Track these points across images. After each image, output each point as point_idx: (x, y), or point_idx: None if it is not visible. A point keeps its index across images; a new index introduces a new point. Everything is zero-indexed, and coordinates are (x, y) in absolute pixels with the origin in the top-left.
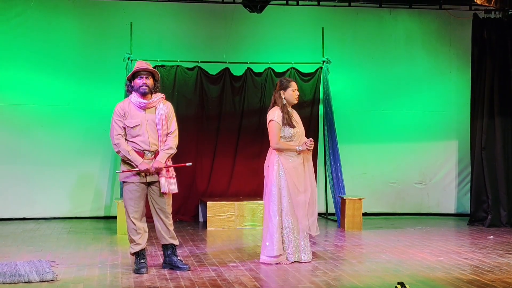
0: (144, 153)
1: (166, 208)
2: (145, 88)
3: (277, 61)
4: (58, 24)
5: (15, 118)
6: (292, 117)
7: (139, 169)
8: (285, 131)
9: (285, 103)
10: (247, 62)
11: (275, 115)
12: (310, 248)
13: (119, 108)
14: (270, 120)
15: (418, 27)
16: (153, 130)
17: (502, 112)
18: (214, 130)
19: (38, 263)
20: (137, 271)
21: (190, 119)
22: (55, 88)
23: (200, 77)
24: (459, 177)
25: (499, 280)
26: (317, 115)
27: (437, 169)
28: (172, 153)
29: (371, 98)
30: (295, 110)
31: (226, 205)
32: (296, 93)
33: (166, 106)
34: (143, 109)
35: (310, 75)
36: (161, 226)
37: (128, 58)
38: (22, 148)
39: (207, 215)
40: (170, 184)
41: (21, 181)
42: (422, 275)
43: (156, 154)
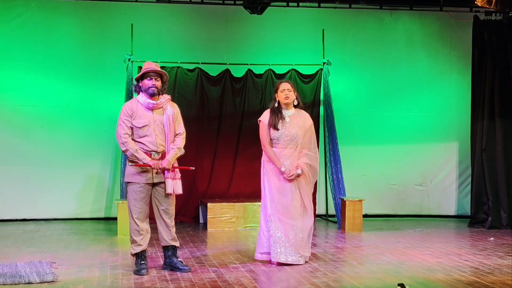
0: (151, 153)
1: (170, 209)
2: (154, 89)
3: (277, 63)
4: (59, 25)
5: (16, 119)
6: (282, 119)
7: (149, 164)
8: (270, 132)
9: (277, 105)
10: (247, 64)
11: (263, 115)
12: (300, 249)
13: (127, 107)
14: (258, 120)
15: (418, 29)
16: (161, 131)
17: (502, 113)
18: (215, 132)
19: (38, 264)
20: (138, 272)
21: (190, 120)
22: (56, 89)
23: (201, 78)
24: (459, 179)
25: (499, 282)
26: (318, 116)
27: (437, 171)
28: (180, 154)
29: (371, 99)
30: (304, 112)
31: (227, 207)
32: (285, 93)
33: (173, 108)
34: (151, 110)
35: (311, 77)
36: (163, 228)
37: (129, 59)
38: (22, 149)
39: (208, 217)
40: (175, 185)
41: (22, 182)
42: (422, 276)
43: (163, 155)
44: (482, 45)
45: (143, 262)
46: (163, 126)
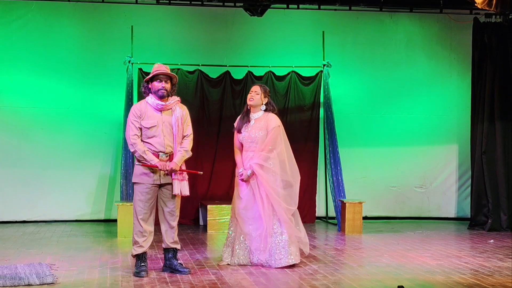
0: (159, 154)
1: (175, 211)
2: (163, 92)
3: (277, 65)
4: (59, 28)
5: (16, 121)
6: (247, 122)
7: (157, 165)
8: (238, 136)
9: (248, 109)
10: (247, 66)
11: (236, 121)
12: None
13: (136, 109)
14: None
15: (418, 31)
16: (169, 132)
17: (502, 116)
18: (215, 134)
19: (38, 266)
20: (137, 274)
21: (190, 122)
22: (56, 91)
23: (201, 80)
24: (459, 181)
25: (499, 284)
26: (318, 118)
27: (437, 173)
28: (188, 156)
29: (371, 102)
30: (271, 115)
31: (227, 209)
32: (250, 95)
33: (182, 110)
34: (160, 111)
35: (311, 79)
36: (167, 230)
37: (129, 61)
38: (23, 151)
39: (207, 219)
40: (182, 187)
41: (22, 184)
42: (422, 279)
43: (171, 156)
44: (482, 47)
45: (143, 264)
46: (171, 127)
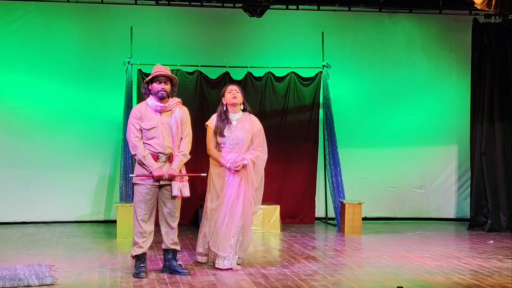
0: (158, 155)
1: (175, 212)
2: (163, 93)
3: (277, 66)
4: (58, 28)
5: (15, 122)
6: (229, 124)
7: (153, 175)
8: (217, 137)
9: (225, 109)
10: (247, 67)
11: (210, 120)
12: (234, 253)
13: (136, 110)
14: (205, 125)
15: (418, 31)
16: (168, 133)
17: (502, 116)
18: None
19: (37, 267)
20: (137, 275)
21: (190, 124)
22: (55, 92)
23: (200, 81)
24: (459, 182)
25: (498, 285)
26: (317, 119)
27: (437, 174)
28: (186, 160)
29: (371, 102)
30: (252, 116)
31: None
32: (232, 93)
33: (182, 111)
34: (159, 112)
35: (310, 80)
36: (167, 231)
37: (128, 62)
38: (22, 152)
39: None
40: (182, 188)
41: (21, 185)
42: (421, 279)
43: (170, 158)
44: (481, 47)
45: (142, 265)
46: (170, 128)
